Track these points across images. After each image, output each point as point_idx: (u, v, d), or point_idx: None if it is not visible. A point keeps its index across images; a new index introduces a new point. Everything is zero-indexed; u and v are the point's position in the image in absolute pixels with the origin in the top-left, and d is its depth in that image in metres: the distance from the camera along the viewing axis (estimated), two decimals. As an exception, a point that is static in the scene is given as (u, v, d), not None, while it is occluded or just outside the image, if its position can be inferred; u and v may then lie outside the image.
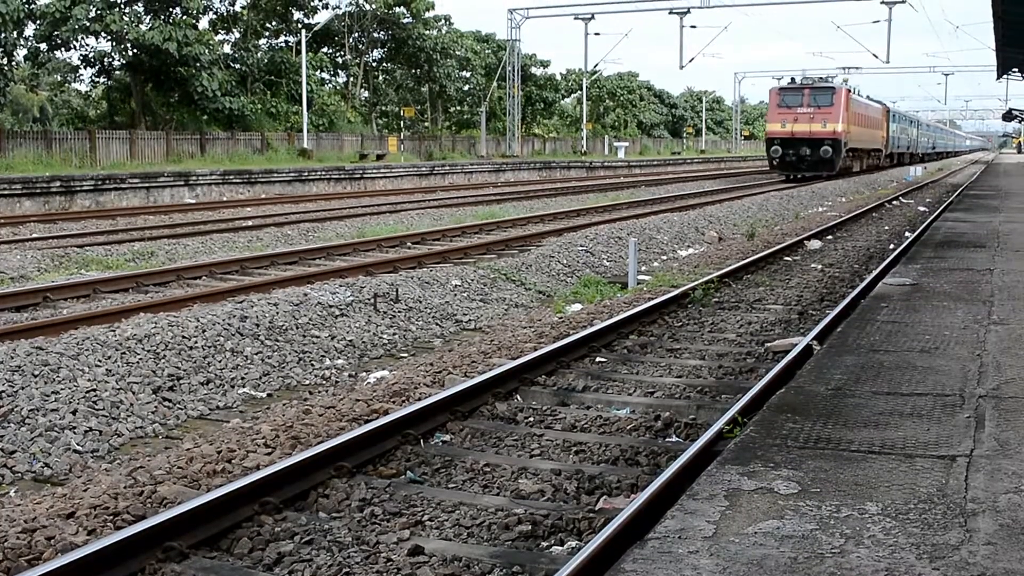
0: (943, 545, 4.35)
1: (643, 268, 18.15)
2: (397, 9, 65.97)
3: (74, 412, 8.30)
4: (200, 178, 37.06)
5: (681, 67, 69.15)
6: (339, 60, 68.13)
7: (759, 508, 4.78)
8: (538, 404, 9.18)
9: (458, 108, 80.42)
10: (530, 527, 6.18)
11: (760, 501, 4.88)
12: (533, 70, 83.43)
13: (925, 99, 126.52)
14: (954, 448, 5.72)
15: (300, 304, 12.12)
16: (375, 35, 68.21)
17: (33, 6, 46.66)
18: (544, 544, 6.02)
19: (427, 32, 68.36)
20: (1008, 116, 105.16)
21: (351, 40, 66.76)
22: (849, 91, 54.19)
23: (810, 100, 51.39)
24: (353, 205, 33.45)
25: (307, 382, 10.34)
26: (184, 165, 40.02)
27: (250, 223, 25.35)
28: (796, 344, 10.46)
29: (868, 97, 64.81)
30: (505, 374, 9.44)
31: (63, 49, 49.61)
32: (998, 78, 61.72)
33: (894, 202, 37.32)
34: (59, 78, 60.18)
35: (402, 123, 72.67)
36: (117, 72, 52.93)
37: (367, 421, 8.20)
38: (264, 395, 9.83)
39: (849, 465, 5.42)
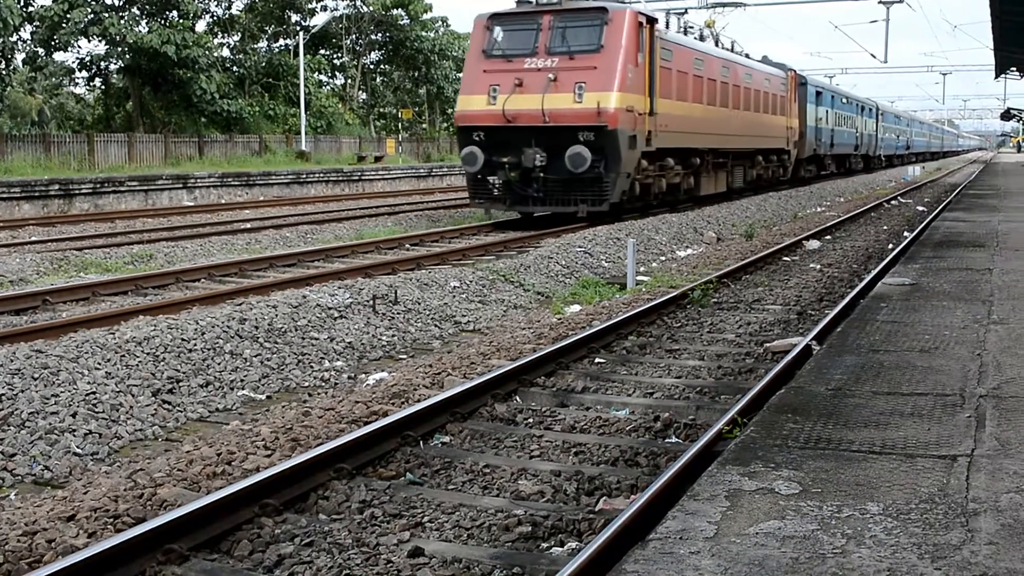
0: (945, 545, 4.35)
1: (642, 269, 18.14)
2: (394, 11, 65.93)
3: (74, 415, 8.29)
4: (198, 181, 37.04)
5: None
6: (337, 62, 68.13)
7: (760, 508, 4.78)
8: (537, 405, 9.17)
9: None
10: (530, 528, 6.18)
11: (761, 501, 4.87)
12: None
13: (923, 99, 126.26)
14: (955, 448, 5.72)
15: (299, 306, 12.11)
16: (372, 37, 68.16)
17: (31, 8, 46.67)
18: (544, 545, 6.02)
19: (425, 34, 68.28)
20: (1006, 115, 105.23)
21: (348, 42, 66.74)
22: (652, 23, 25.84)
23: (554, 41, 24.28)
24: (351, 207, 33.45)
25: (306, 384, 10.33)
26: (182, 168, 39.99)
27: (248, 225, 25.36)
28: (796, 344, 10.46)
29: (747, 55, 36.52)
30: (504, 375, 9.43)
31: (62, 51, 49.62)
32: (996, 77, 61.83)
33: (892, 202, 37.33)
34: (55, 81, 60.09)
35: (400, 125, 72.62)
36: (114, 76, 52.91)
37: (367, 423, 8.20)
38: (263, 397, 9.82)
39: (850, 465, 5.42)
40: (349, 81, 68.75)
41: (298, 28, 59.76)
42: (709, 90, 30.18)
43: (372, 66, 71.49)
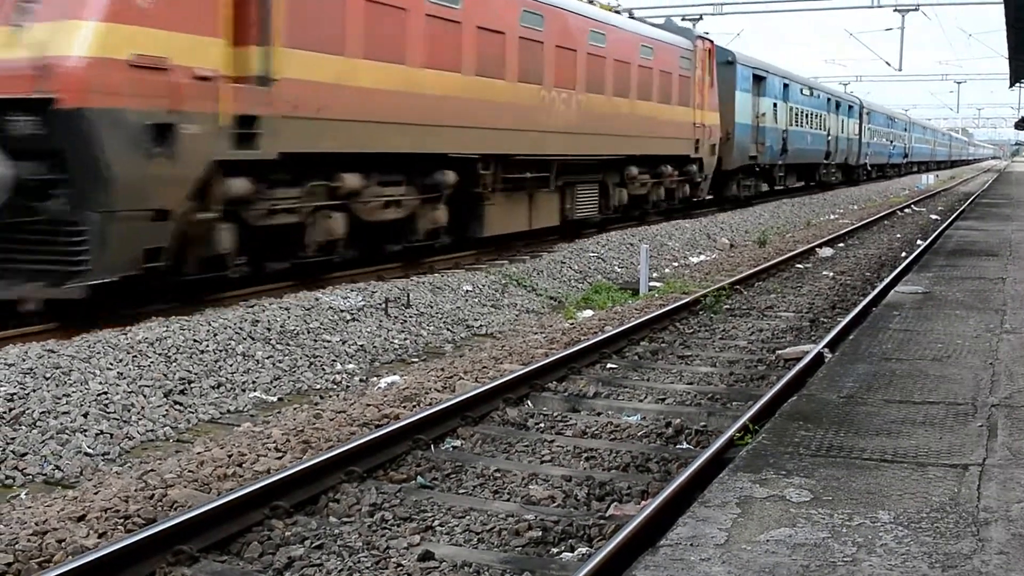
0: (955, 554, 4.33)
1: (654, 274, 18.12)
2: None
3: (85, 415, 8.31)
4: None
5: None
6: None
7: (771, 516, 4.77)
8: (549, 410, 9.17)
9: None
10: (540, 533, 6.17)
11: (772, 509, 4.86)
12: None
13: (938, 107, 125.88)
14: (966, 457, 5.70)
15: (311, 308, 12.12)
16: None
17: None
18: (554, 550, 6.01)
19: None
20: (1021, 124, 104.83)
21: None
22: None
23: None
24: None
25: (318, 386, 10.34)
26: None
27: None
28: (808, 352, 10.44)
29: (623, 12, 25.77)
30: (516, 380, 9.43)
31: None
32: (1011, 86, 61.55)
33: (906, 210, 37.27)
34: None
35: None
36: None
37: (378, 426, 8.20)
38: (275, 399, 9.83)
39: (861, 473, 5.40)
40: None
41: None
42: (481, 47, 17.11)
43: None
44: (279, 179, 13.08)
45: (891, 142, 70.95)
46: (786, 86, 39.32)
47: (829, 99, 48.04)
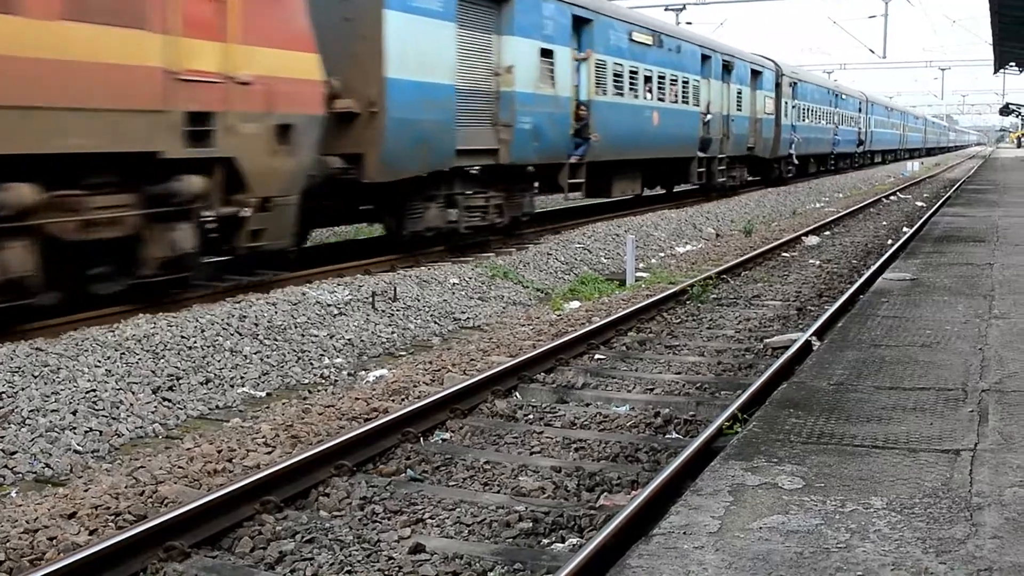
0: (949, 539, 4.34)
1: (641, 265, 18.13)
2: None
3: (74, 412, 8.27)
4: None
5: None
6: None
7: (764, 503, 4.77)
8: (537, 401, 9.16)
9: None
10: (531, 524, 6.17)
11: (764, 496, 4.86)
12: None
13: (922, 94, 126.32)
14: (958, 442, 5.71)
15: (298, 303, 12.09)
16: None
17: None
18: (545, 541, 6.01)
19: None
20: (1005, 111, 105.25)
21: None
22: None
23: None
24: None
25: (306, 381, 10.32)
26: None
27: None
28: (796, 340, 10.45)
29: None
30: (504, 372, 9.43)
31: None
32: (995, 72, 61.82)
33: (891, 197, 37.32)
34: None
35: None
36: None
37: (367, 420, 8.20)
38: (263, 394, 9.81)
39: (853, 460, 5.41)
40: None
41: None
42: None
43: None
44: None
45: (836, 124, 51.70)
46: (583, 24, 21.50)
47: (706, 57, 30.47)
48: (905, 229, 23.65)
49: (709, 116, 30.09)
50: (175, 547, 5.59)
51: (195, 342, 10.27)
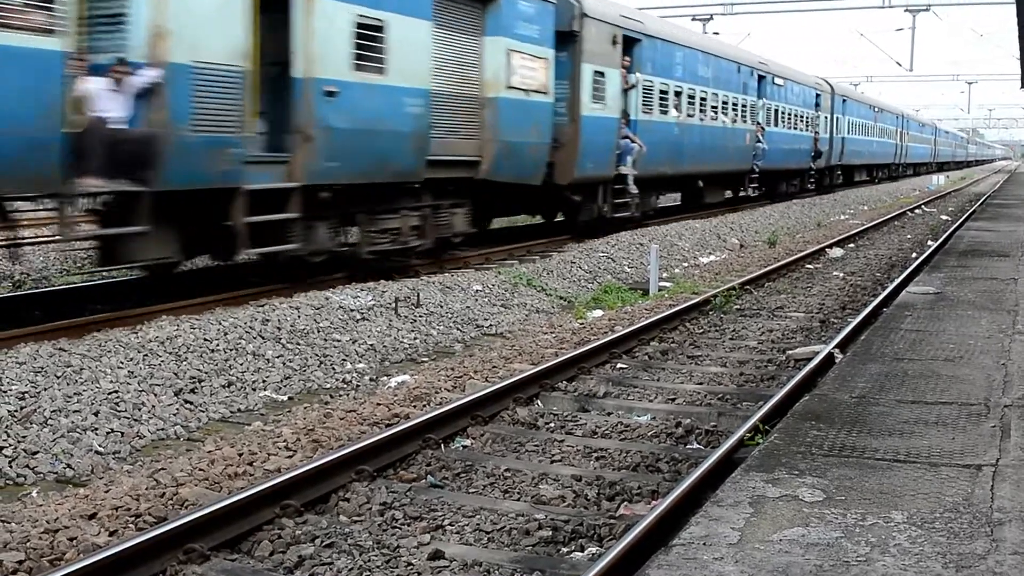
0: (969, 554, 4.31)
1: (664, 274, 18.10)
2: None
3: (96, 414, 8.31)
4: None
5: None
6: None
7: (784, 515, 4.75)
8: (559, 410, 9.16)
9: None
10: (550, 532, 6.16)
11: (785, 508, 4.85)
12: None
13: (948, 107, 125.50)
14: (980, 457, 5.68)
15: (321, 308, 12.12)
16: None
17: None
18: (564, 550, 6.00)
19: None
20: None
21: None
22: None
23: None
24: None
25: (328, 386, 10.34)
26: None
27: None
28: (818, 352, 10.41)
29: None
30: (526, 379, 9.42)
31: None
32: (1022, 86, 61.45)
33: (916, 211, 37.16)
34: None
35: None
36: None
37: (388, 425, 8.20)
38: (285, 398, 9.83)
39: (874, 473, 5.39)
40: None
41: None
42: None
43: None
44: None
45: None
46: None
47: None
48: (930, 242, 23.54)
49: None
50: (195, 549, 5.60)
51: (218, 345, 10.30)
